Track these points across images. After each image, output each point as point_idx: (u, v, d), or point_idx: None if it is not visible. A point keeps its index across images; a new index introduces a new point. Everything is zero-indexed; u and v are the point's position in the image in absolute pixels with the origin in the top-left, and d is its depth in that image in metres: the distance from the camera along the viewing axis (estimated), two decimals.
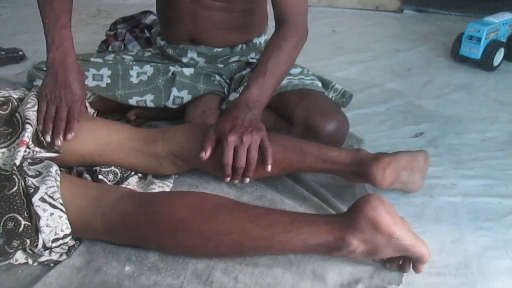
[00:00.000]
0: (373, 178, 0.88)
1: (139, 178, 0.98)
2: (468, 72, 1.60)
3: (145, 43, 1.54)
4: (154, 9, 1.72)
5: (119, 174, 0.95)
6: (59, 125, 0.88)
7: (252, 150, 0.85)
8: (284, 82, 1.10)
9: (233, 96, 1.13)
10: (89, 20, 2.19)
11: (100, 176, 0.92)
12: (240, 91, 1.12)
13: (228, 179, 0.87)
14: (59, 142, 0.86)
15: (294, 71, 1.15)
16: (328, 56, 1.74)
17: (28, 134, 0.82)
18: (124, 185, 0.92)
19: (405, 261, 0.75)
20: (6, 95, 0.91)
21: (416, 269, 0.75)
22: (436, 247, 0.82)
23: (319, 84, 1.14)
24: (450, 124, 1.26)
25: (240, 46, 1.18)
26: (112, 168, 0.94)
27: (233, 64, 1.20)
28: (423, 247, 0.71)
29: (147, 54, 1.25)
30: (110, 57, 1.21)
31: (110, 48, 1.56)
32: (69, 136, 0.87)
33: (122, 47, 1.55)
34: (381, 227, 0.68)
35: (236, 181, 0.88)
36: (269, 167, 0.84)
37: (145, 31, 1.58)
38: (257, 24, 1.19)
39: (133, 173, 0.97)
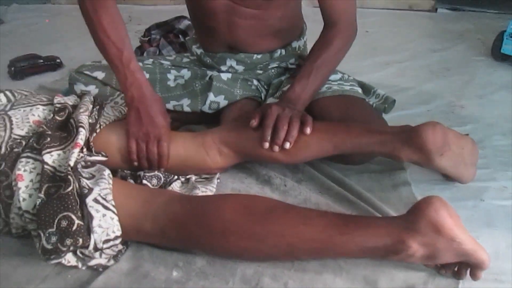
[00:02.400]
0: (423, 137, 0.85)
1: (182, 183, 0.98)
2: (511, 70, 1.56)
3: (180, 48, 1.56)
4: (186, 14, 1.75)
5: (162, 179, 0.96)
6: (153, 162, 0.94)
7: (294, 118, 0.91)
8: (323, 88, 1.08)
9: (270, 101, 1.12)
10: None
11: (144, 181, 0.93)
12: (278, 96, 1.12)
13: (267, 144, 0.90)
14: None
15: (334, 77, 1.14)
16: (362, 57, 1.72)
17: (81, 136, 0.84)
18: None
19: (462, 267, 0.73)
20: (62, 101, 0.94)
21: (474, 276, 0.72)
22: (491, 252, 0.78)
23: (359, 90, 1.12)
24: (496, 125, 1.23)
25: (279, 51, 1.16)
26: (156, 172, 0.96)
27: (272, 70, 1.19)
28: (484, 253, 0.69)
29: (185, 60, 1.25)
30: (149, 61, 1.22)
31: (145, 54, 1.58)
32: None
33: (157, 53, 1.57)
34: (443, 230, 0.66)
35: (276, 148, 0.90)
36: (308, 130, 0.90)
37: (179, 36, 1.59)
38: (294, 27, 1.18)
39: (175, 177, 0.97)
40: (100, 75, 1.13)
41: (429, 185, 0.99)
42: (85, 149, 0.86)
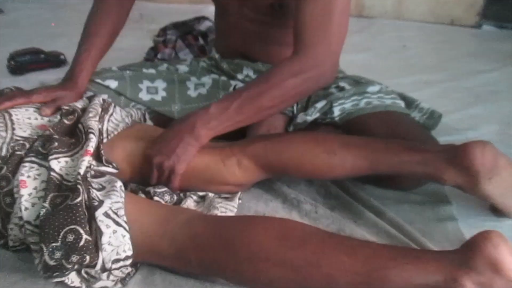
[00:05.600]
0: (471, 156, 0.85)
1: (196, 202, 0.97)
2: None
3: (199, 52, 1.57)
4: (203, 14, 1.77)
5: (175, 196, 0.95)
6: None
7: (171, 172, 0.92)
8: (362, 102, 1.08)
9: (300, 118, 1.12)
10: (132, 25, 2.24)
11: (156, 198, 0.92)
12: (309, 112, 1.11)
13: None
14: None
15: (371, 89, 1.13)
16: (399, 74, 1.72)
17: (92, 144, 0.84)
18: None
19: None
20: (71, 104, 0.94)
21: None
22: None
23: (402, 103, 1.12)
24: None
25: None
26: (167, 188, 0.95)
27: None
28: None
29: (202, 64, 1.26)
30: (163, 67, 1.23)
31: (159, 56, 1.60)
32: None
33: (173, 55, 1.58)
34: (503, 269, 0.64)
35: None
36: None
37: (199, 38, 1.60)
38: None
39: (188, 193, 0.97)
40: (112, 83, 1.14)
41: (478, 221, 0.97)
42: (92, 159, 0.86)
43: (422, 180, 1.02)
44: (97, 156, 0.87)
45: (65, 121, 0.91)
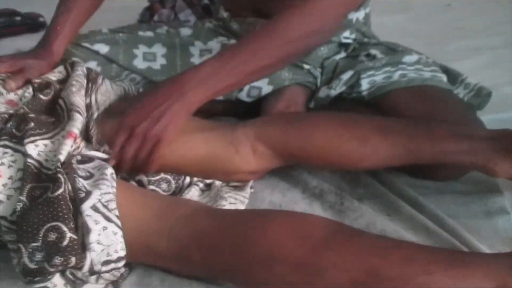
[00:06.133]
0: None
1: (201, 190, 0.98)
2: None
3: (203, 12, 1.56)
4: None
5: (173, 182, 0.96)
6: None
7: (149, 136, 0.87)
8: (396, 75, 1.08)
9: (323, 92, 1.12)
10: None
11: (151, 187, 0.93)
12: (333, 85, 1.11)
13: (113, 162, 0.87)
14: None
15: (408, 59, 1.12)
16: (443, 40, 1.70)
17: (77, 124, 0.83)
18: None
19: None
20: (42, 76, 0.94)
21: None
22: None
23: (444, 78, 1.11)
24: None
25: None
26: (162, 175, 0.95)
27: (322, 48, 1.17)
28: None
29: (208, 26, 1.25)
30: (163, 30, 1.22)
31: (156, 18, 1.59)
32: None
33: (172, 17, 1.57)
34: None
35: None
36: (150, 168, 0.88)
37: None
38: None
39: (188, 179, 0.97)
40: (103, 48, 1.13)
41: None
42: (80, 140, 0.86)
43: (458, 169, 1.01)
44: (86, 136, 0.87)
45: (41, 96, 0.90)
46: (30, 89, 0.93)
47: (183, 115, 0.90)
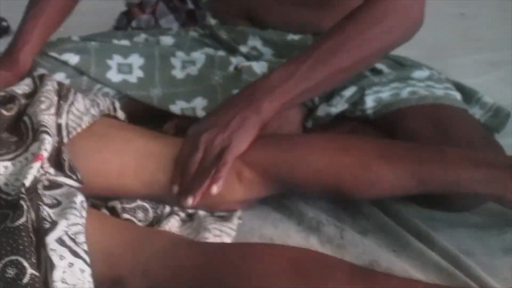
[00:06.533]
0: None
1: (182, 221, 0.97)
2: None
3: (187, 19, 1.57)
4: None
5: (150, 211, 0.96)
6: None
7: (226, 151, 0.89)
8: (404, 91, 1.08)
9: (322, 110, 1.12)
10: None
11: (126, 216, 0.92)
12: (333, 102, 1.11)
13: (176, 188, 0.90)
14: None
15: (418, 74, 1.13)
16: (456, 52, 1.72)
17: (46, 146, 0.83)
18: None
19: None
20: (7, 89, 0.93)
21: None
22: None
23: (458, 96, 1.11)
24: None
25: None
26: (138, 202, 0.95)
27: None
28: None
29: (192, 35, 1.26)
30: (141, 38, 1.23)
31: (134, 24, 1.60)
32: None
33: (153, 23, 1.57)
34: None
35: (190, 201, 0.89)
36: (215, 188, 0.88)
37: (187, 1, 1.60)
38: None
39: (168, 208, 0.97)
40: (72, 58, 1.13)
41: None
42: (48, 165, 0.85)
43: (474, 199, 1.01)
44: (56, 162, 0.87)
45: (3, 111, 0.89)
46: None
47: (255, 122, 0.92)
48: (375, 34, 0.93)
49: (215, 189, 0.88)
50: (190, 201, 0.88)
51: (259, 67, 1.15)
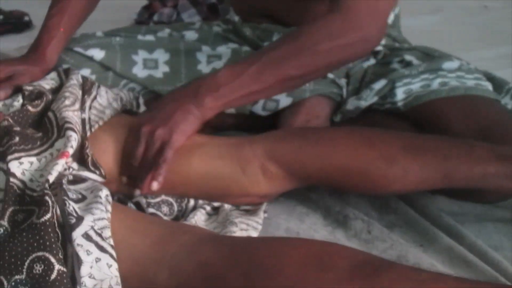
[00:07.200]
0: None
1: (208, 214, 0.97)
2: None
3: (209, 13, 1.56)
4: None
5: (175, 205, 0.96)
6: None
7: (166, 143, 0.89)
8: (435, 83, 1.07)
9: (352, 103, 1.12)
10: None
11: (151, 210, 0.93)
12: (363, 96, 1.11)
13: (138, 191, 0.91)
14: None
15: (448, 65, 1.12)
16: (479, 45, 1.71)
17: (71, 143, 0.83)
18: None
19: None
20: (35, 83, 0.94)
21: None
22: None
23: (489, 86, 1.10)
24: None
25: None
26: (163, 197, 0.95)
27: None
28: None
29: (215, 29, 1.26)
30: (165, 33, 1.23)
31: (155, 18, 1.60)
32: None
33: (174, 17, 1.57)
34: None
35: (137, 192, 0.91)
36: (155, 185, 0.87)
37: None
38: None
39: (192, 202, 0.97)
40: (98, 53, 1.14)
41: None
42: (71, 160, 0.85)
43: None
44: (80, 157, 0.87)
45: (30, 108, 0.90)
46: (20, 98, 0.93)
47: (195, 118, 0.92)
48: (328, 48, 0.93)
49: (155, 186, 0.88)
50: (137, 192, 0.90)
51: None
